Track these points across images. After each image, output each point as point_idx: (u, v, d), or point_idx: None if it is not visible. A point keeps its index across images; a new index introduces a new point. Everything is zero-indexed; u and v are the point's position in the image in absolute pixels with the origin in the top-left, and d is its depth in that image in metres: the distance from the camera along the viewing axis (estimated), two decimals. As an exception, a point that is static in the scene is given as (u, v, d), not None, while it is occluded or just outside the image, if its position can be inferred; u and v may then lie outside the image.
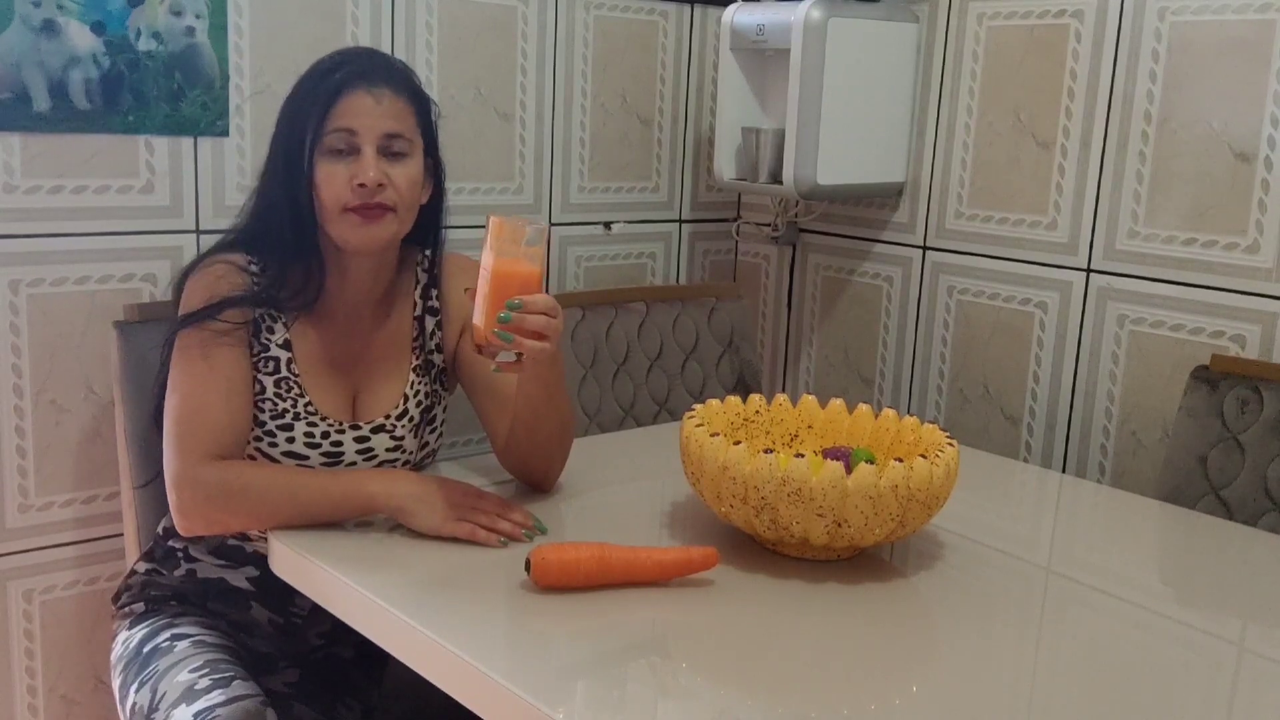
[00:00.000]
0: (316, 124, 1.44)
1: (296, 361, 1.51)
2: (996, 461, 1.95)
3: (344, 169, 1.44)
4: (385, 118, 1.45)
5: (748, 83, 2.35)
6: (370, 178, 1.43)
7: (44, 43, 1.72)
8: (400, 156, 1.47)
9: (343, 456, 1.52)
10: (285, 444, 1.50)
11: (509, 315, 1.33)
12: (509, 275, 1.34)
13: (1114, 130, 2.03)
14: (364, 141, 1.44)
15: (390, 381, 1.57)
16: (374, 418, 1.54)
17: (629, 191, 2.47)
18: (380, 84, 1.46)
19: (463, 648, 1.15)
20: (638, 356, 2.26)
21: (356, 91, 1.44)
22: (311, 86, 1.46)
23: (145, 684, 1.46)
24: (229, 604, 1.57)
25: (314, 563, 1.35)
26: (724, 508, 1.37)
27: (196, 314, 1.46)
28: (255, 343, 1.50)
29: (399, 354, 1.58)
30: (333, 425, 1.51)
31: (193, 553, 1.58)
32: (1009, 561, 1.49)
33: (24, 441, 1.82)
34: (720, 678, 1.16)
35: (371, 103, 1.45)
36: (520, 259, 1.35)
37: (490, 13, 2.19)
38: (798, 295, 2.60)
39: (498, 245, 1.35)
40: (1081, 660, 1.22)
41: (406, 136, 1.47)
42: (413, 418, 1.57)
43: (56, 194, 1.79)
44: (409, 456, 1.58)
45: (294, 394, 1.50)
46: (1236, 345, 1.90)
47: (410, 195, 1.49)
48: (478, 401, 1.62)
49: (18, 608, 1.87)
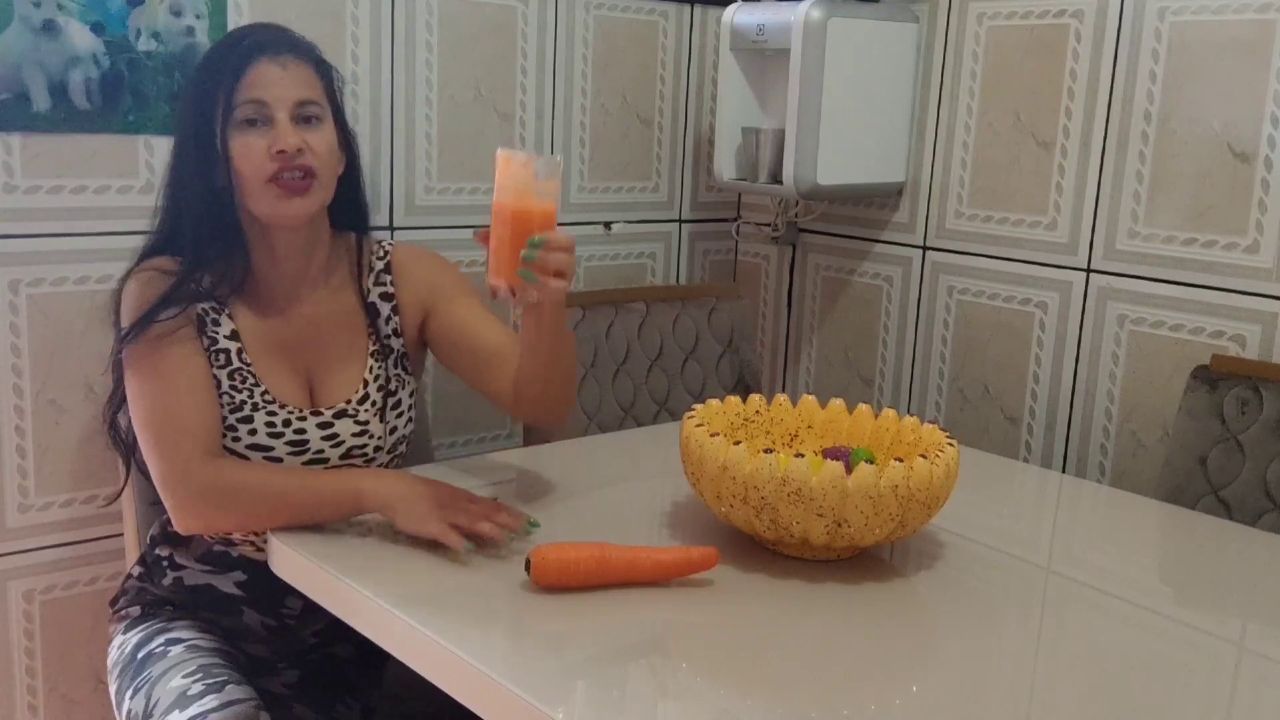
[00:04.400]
0: (226, 98, 1.43)
1: (247, 350, 1.50)
2: (996, 461, 1.95)
3: (260, 140, 1.43)
4: (295, 85, 1.45)
5: (748, 83, 2.35)
6: (290, 143, 1.42)
7: (44, 43, 1.72)
8: (314, 121, 1.46)
9: (308, 445, 1.50)
10: (248, 437, 1.48)
11: (532, 254, 1.31)
12: (527, 213, 1.32)
13: (1114, 130, 2.03)
14: (276, 110, 1.43)
15: (346, 365, 1.56)
16: (334, 403, 1.53)
17: (629, 191, 2.47)
18: (284, 52, 1.46)
19: (462, 647, 1.15)
20: (638, 356, 2.26)
21: (262, 61, 1.44)
22: (215, 64, 1.46)
23: (140, 690, 1.45)
24: (219, 610, 1.56)
25: (314, 563, 1.35)
26: (724, 508, 1.37)
27: (134, 325, 1.44)
28: (204, 338, 1.49)
29: (351, 337, 1.57)
30: (293, 413, 1.50)
31: (178, 560, 1.56)
32: (1009, 561, 1.49)
33: (24, 441, 1.82)
34: (720, 678, 1.16)
35: (279, 71, 1.44)
36: (535, 195, 1.32)
37: (490, 13, 2.19)
38: (798, 295, 2.60)
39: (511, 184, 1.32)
40: (1081, 660, 1.22)
41: (318, 102, 1.47)
42: (375, 401, 1.55)
43: (56, 194, 1.79)
44: (379, 442, 1.55)
45: (249, 384, 1.49)
46: (1236, 345, 1.90)
47: (329, 160, 1.48)
48: (467, 368, 1.60)
49: (18, 608, 1.87)
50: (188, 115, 1.48)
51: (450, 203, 2.20)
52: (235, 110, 1.43)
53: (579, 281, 2.42)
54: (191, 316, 1.48)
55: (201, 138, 1.45)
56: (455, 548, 1.35)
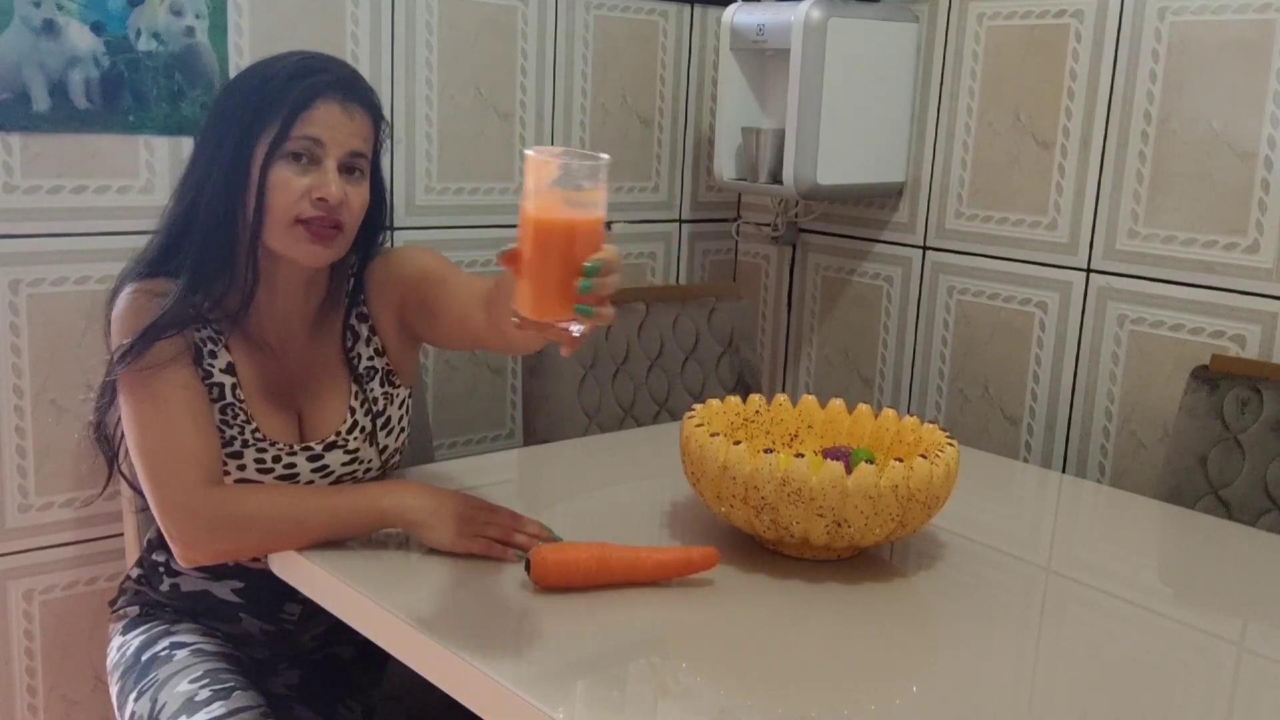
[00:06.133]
0: (282, 127, 1.36)
1: (241, 386, 1.45)
2: (996, 461, 1.95)
3: (302, 179, 1.37)
4: (354, 136, 1.40)
5: (748, 83, 2.35)
6: (334, 194, 1.37)
7: (44, 43, 1.72)
8: (357, 175, 1.42)
9: (298, 479, 1.48)
10: (237, 472, 1.44)
11: (589, 284, 1.06)
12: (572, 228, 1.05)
13: (1114, 130, 2.03)
14: (329, 155, 1.38)
15: (332, 398, 1.51)
16: (323, 435, 1.49)
17: (629, 191, 2.47)
18: (355, 99, 1.41)
19: (462, 648, 1.15)
20: (638, 356, 2.26)
21: (332, 102, 1.38)
22: (276, 88, 1.37)
23: (144, 693, 1.44)
24: (218, 617, 1.55)
25: (314, 565, 1.35)
26: (724, 508, 1.37)
27: (129, 350, 1.37)
28: (199, 368, 1.43)
29: (335, 368, 1.52)
30: (283, 449, 1.46)
31: (174, 567, 1.54)
32: (1009, 561, 1.49)
33: (24, 441, 1.82)
34: (720, 678, 1.16)
35: (345, 117, 1.39)
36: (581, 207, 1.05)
37: (490, 13, 2.19)
38: (798, 295, 2.60)
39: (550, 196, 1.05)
40: (1081, 660, 1.22)
41: (366, 155, 1.43)
42: (364, 427, 1.51)
43: (56, 194, 1.79)
44: (369, 465, 1.53)
45: (240, 420, 1.44)
46: (1236, 345, 1.90)
47: (359, 217, 1.43)
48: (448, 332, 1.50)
49: (18, 608, 1.87)
50: (224, 129, 1.39)
51: (450, 203, 2.21)
52: (288, 142, 1.36)
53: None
54: (189, 343, 1.42)
55: (238, 157, 1.38)
56: (508, 560, 1.35)
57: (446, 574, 1.33)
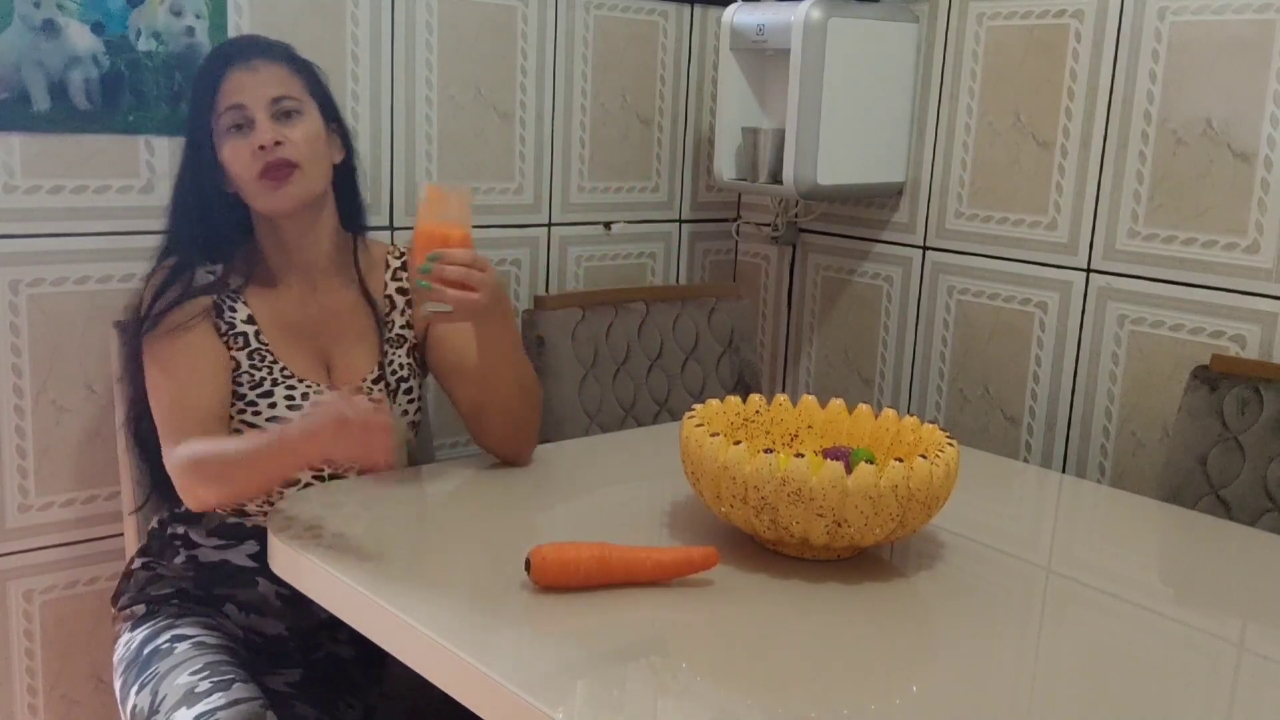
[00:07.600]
0: (212, 110, 1.54)
1: (263, 331, 1.59)
2: (996, 461, 1.95)
3: (244, 142, 1.54)
4: (266, 84, 1.55)
5: (748, 83, 2.35)
6: (266, 139, 1.52)
7: (44, 43, 1.72)
8: (294, 115, 1.56)
9: None
10: (268, 410, 1.56)
11: (428, 267, 1.44)
12: (429, 234, 1.48)
13: (1114, 130, 2.03)
14: (254, 111, 1.54)
15: (361, 347, 1.65)
16: (350, 380, 1.62)
17: (629, 191, 2.47)
18: (253, 57, 1.56)
19: (462, 647, 1.15)
20: (638, 356, 2.26)
21: (233, 70, 1.55)
22: (199, 82, 1.58)
23: (145, 686, 1.46)
24: (236, 585, 1.59)
25: (313, 562, 1.35)
26: (724, 508, 1.37)
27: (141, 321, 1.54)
28: (221, 323, 1.58)
29: (366, 322, 1.66)
30: (311, 386, 1.59)
31: (193, 537, 1.60)
32: (1009, 561, 1.49)
33: (24, 441, 1.82)
34: (720, 678, 1.16)
35: (250, 75, 1.55)
36: (441, 220, 1.49)
37: (490, 13, 2.19)
38: (798, 295, 2.60)
39: (424, 210, 1.50)
40: (1081, 660, 1.22)
41: (293, 95, 1.57)
42: (388, 383, 1.65)
43: (56, 194, 1.79)
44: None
45: (268, 361, 1.58)
46: (1236, 345, 1.90)
47: (310, 149, 1.56)
48: (446, 383, 1.70)
49: (18, 608, 1.87)
50: (187, 129, 1.61)
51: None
52: (220, 119, 1.54)
53: (579, 281, 2.42)
54: (206, 306, 1.57)
55: (200, 148, 1.57)
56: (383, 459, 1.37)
57: (447, 573, 1.33)
